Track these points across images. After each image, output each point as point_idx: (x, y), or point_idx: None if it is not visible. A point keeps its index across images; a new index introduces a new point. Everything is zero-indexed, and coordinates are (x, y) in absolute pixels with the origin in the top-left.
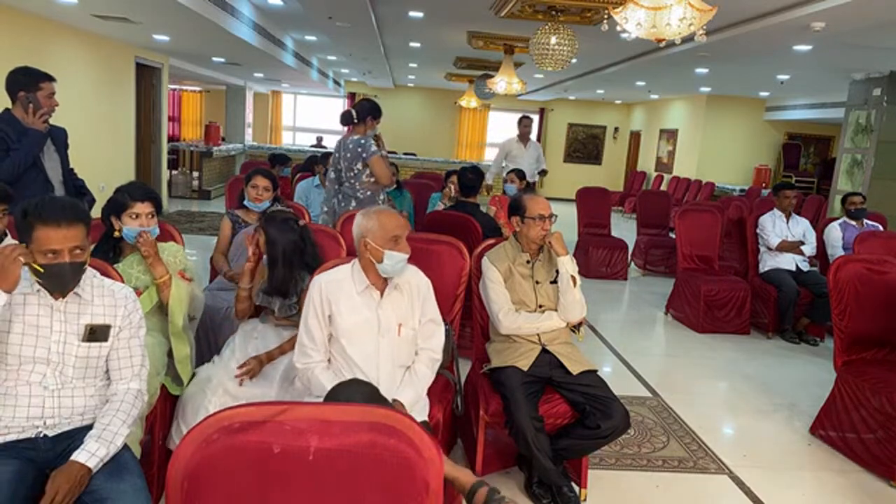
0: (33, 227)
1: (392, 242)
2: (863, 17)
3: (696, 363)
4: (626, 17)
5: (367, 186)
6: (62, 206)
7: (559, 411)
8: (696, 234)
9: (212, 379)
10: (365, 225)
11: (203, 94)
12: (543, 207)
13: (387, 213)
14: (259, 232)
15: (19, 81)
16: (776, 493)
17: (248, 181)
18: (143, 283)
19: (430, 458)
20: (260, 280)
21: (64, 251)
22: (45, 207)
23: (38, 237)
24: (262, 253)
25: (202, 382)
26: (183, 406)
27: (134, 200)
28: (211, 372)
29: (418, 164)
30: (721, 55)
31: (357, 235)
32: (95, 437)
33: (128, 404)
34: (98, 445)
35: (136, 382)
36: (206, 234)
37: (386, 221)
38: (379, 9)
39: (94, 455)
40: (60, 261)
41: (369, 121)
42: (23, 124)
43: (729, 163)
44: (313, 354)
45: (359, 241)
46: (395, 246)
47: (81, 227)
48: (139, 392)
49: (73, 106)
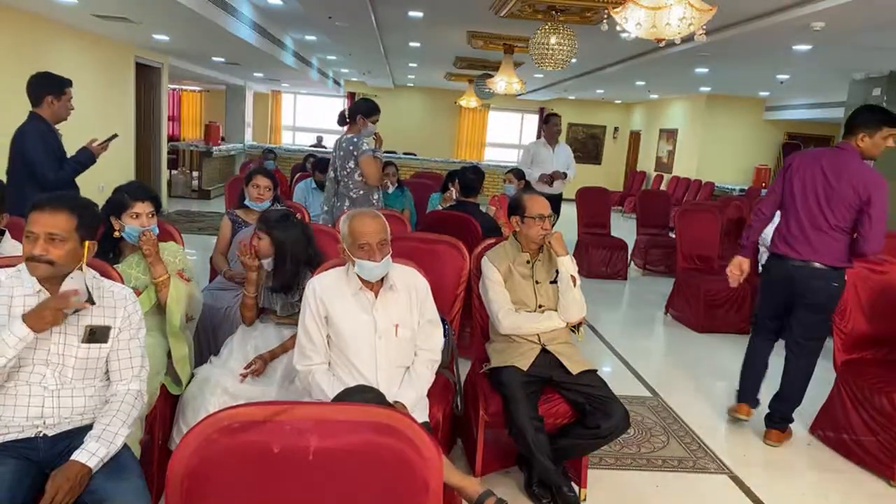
0: (30, 212)
1: (360, 250)
2: (863, 17)
3: (696, 363)
4: (625, 16)
5: (360, 185)
6: (57, 195)
7: (559, 411)
8: (696, 233)
9: (210, 379)
10: (342, 228)
11: (203, 94)
12: (543, 207)
13: (360, 219)
14: (256, 237)
15: (45, 86)
16: (776, 493)
17: (248, 181)
18: (142, 283)
19: (429, 458)
20: (260, 283)
21: (39, 235)
22: (43, 197)
23: (29, 222)
24: (260, 257)
25: (201, 383)
26: (183, 407)
27: (134, 200)
28: (210, 372)
29: (418, 163)
30: (721, 55)
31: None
32: (95, 438)
33: (128, 405)
34: (98, 445)
35: (136, 383)
36: (206, 234)
37: (356, 227)
38: (379, 9)
39: (95, 455)
40: (32, 249)
41: (360, 119)
42: (50, 124)
43: (729, 162)
44: (313, 356)
45: (339, 244)
46: (363, 254)
47: (65, 217)
48: (139, 393)
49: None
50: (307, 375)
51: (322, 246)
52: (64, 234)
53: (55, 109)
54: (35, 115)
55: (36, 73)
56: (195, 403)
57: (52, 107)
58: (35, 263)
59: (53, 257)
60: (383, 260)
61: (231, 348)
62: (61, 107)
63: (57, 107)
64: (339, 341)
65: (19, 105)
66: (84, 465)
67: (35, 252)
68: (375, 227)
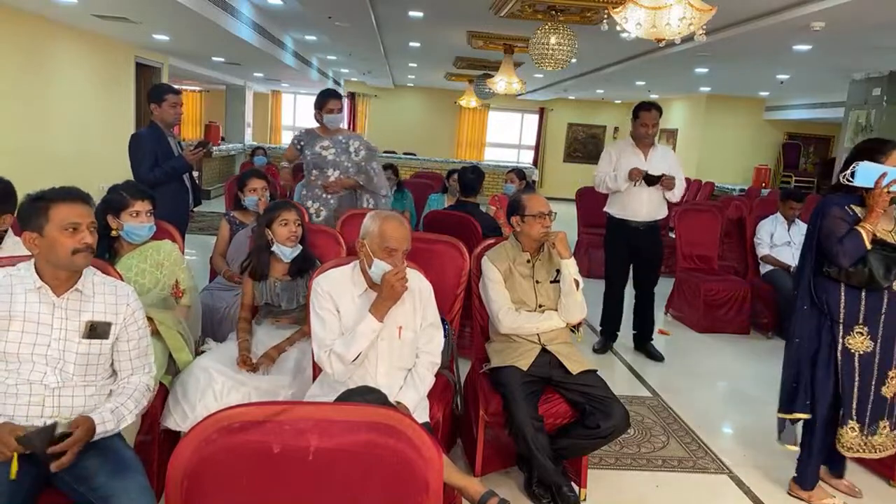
0: (49, 206)
1: (385, 252)
2: (863, 17)
3: (696, 363)
4: (625, 16)
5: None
6: (73, 188)
7: (559, 411)
8: (696, 233)
9: (213, 365)
10: (367, 226)
11: (203, 94)
12: (542, 205)
13: (392, 223)
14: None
15: (151, 95)
16: (776, 493)
17: (243, 185)
18: (138, 286)
19: (429, 458)
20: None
21: (83, 225)
22: (58, 190)
23: (56, 215)
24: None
25: (204, 366)
26: (184, 387)
27: (133, 199)
28: (209, 362)
29: (418, 163)
30: (721, 55)
31: (361, 233)
32: (110, 410)
33: (140, 393)
34: (112, 417)
35: (147, 377)
36: (206, 234)
37: (387, 230)
38: (379, 9)
39: (104, 423)
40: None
41: (315, 113)
42: (161, 129)
43: (729, 162)
44: (328, 340)
45: (359, 239)
46: (386, 257)
47: (89, 205)
48: (148, 387)
49: (72, 105)
50: (329, 356)
51: (322, 246)
52: (95, 221)
53: (159, 115)
54: (152, 124)
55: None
56: (198, 383)
57: (158, 112)
58: (85, 253)
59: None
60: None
61: (230, 345)
62: (164, 112)
63: (159, 113)
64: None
65: (20, 104)
66: (94, 424)
67: (89, 240)
68: (405, 235)
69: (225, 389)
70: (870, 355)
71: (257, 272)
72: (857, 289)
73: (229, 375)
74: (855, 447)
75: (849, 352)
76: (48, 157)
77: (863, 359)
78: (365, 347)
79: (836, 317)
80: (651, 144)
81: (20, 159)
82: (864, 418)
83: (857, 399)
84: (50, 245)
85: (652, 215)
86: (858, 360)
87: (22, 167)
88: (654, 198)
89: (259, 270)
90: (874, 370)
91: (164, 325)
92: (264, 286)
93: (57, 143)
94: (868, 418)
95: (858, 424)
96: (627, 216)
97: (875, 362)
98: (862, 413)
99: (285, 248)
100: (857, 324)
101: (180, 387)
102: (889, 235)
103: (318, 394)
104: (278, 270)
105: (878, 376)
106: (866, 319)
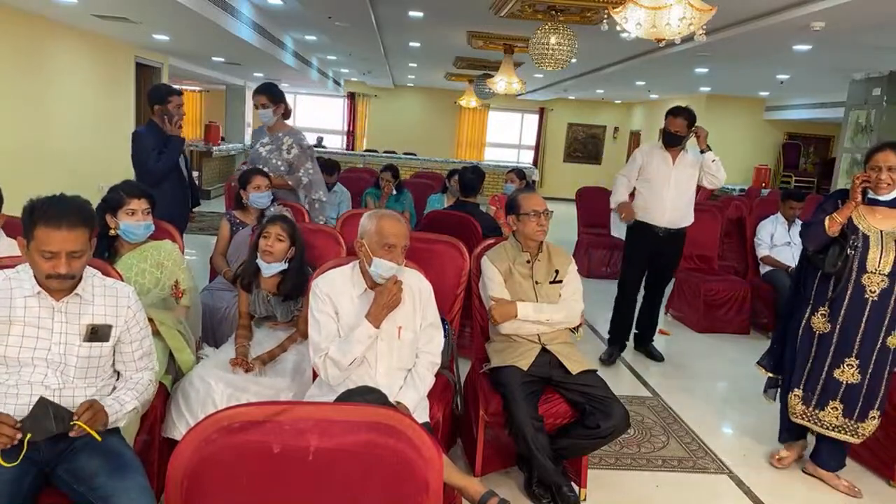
0: (35, 225)
1: (384, 250)
2: (863, 17)
3: (696, 363)
4: (625, 16)
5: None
6: (67, 207)
7: (559, 411)
8: (696, 233)
9: (213, 372)
10: (365, 225)
11: (203, 94)
12: (537, 203)
13: (389, 220)
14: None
15: (153, 97)
16: (776, 493)
17: (245, 183)
18: (138, 285)
19: (429, 458)
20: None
21: (61, 254)
22: (50, 207)
23: (37, 236)
24: (272, 260)
25: (203, 374)
26: (185, 394)
27: (130, 197)
28: (207, 370)
29: (418, 163)
30: (721, 55)
31: (358, 233)
32: (112, 398)
33: (142, 386)
34: (113, 402)
35: (150, 374)
36: (206, 234)
37: (385, 226)
38: (379, 9)
39: (108, 406)
40: (56, 268)
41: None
42: (164, 131)
43: (728, 162)
44: (323, 345)
45: (357, 239)
46: (385, 254)
47: (83, 231)
48: (151, 383)
49: (72, 105)
50: (324, 361)
51: (321, 247)
52: (84, 248)
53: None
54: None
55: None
56: (198, 394)
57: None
58: (59, 280)
59: (75, 272)
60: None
61: (228, 351)
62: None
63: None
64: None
65: (20, 104)
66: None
67: (61, 271)
68: (403, 231)
69: (224, 397)
70: (828, 336)
71: (244, 282)
72: (829, 277)
73: (228, 381)
74: (799, 414)
75: (811, 329)
76: (48, 157)
77: (822, 338)
78: (360, 354)
79: (808, 297)
80: (681, 149)
81: (20, 159)
82: (812, 392)
83: (807, 371)
84: (32, 261)
85: (675, 222)
86: (818, 338)
87: (22, 167)
88: (678, 204)
89: (245, 280)
90: (830, 351)
91: (164, 325)
92: (256, 298)
93: (57, 142)
94: (817, 394)
95: (803, 394)
96: (648, 219)
97: (833, 343)
98: (810, 386)
99: (262, 261)
100: (822, 306)
101: (182, 397)
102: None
103: (317, 394)
104: (268, 283)
105: (833, 358)
106: (831, 304)
